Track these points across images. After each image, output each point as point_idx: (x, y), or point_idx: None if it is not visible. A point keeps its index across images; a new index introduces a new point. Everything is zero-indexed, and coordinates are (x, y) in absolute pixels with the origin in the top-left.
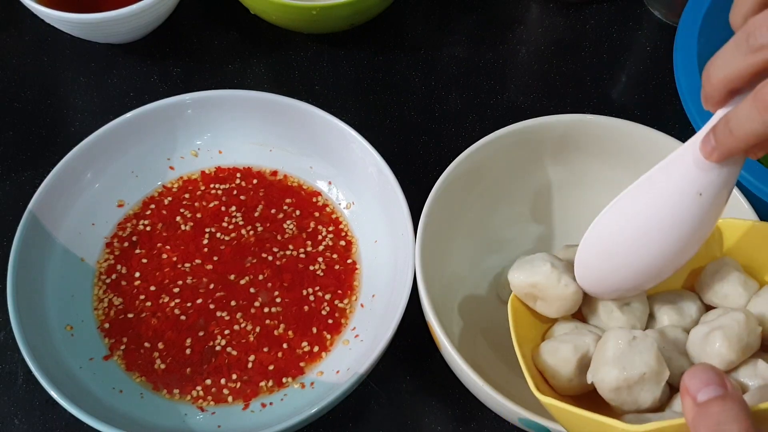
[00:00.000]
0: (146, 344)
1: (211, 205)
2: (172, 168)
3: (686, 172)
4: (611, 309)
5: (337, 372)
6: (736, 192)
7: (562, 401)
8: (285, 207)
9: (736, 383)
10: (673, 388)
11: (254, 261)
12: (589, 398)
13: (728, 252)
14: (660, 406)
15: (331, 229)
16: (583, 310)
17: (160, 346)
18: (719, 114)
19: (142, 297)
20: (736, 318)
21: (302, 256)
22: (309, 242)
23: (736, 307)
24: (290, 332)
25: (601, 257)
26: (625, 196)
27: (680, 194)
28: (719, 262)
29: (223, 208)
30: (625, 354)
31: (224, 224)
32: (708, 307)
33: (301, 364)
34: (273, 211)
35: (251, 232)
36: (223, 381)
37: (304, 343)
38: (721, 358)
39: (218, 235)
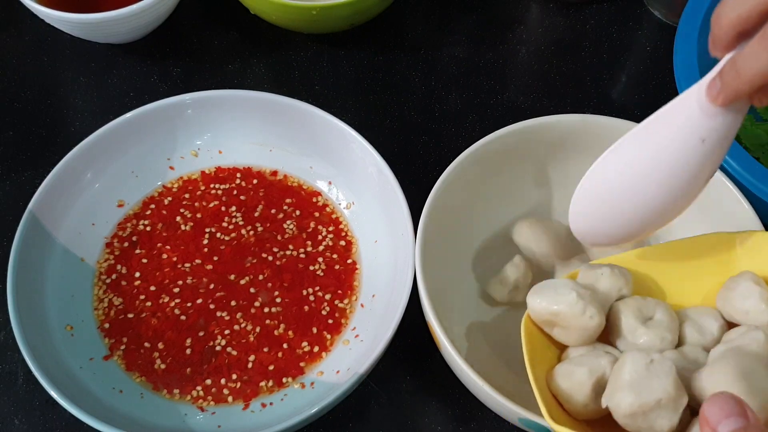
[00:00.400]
0: (146, 344)
1: (211, 205)
2: (172, 168)
3: (689, 117)
4: (635, 327)
5: (337, 372)
6: (736, 192)
7: (578, 427)
8: (285, 207)
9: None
10: (693, 411)
11: (254, 261)
12: (605, 422)
13: (749, 266)
14: None
15: (331, 229)
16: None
17: (160, 346)
18: (727, 58)
19: (142, 297)
20: (756, 338)
21: (302, 256)
22: (309, 242)
23: (758, 323)
24: (290, 332)
25: (598, 202)
26: (624, 141)
27: (682, 140)
28: (740, 276)
29: (223, 208)
30: (642, 378)
31: (224, 224)
32: (730, 324)
33: (301, 364)
34: (273, 211)
35: (251, 232)
36: (223, 381)
37: (304, 343)
38: None
39: (218, 235)
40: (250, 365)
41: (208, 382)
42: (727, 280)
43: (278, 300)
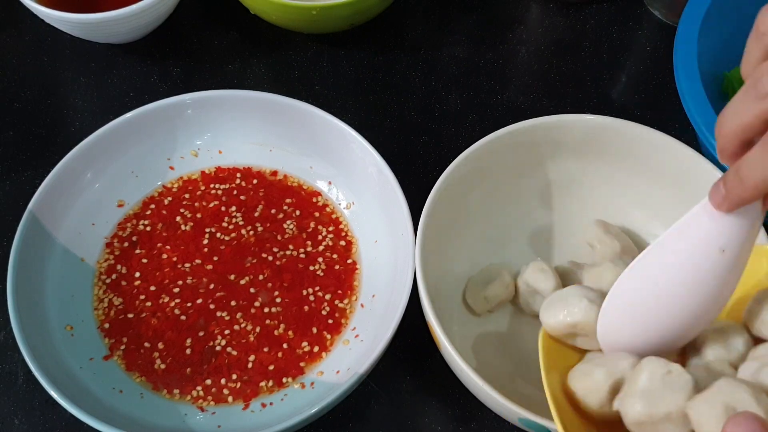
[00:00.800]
0: (146, 344)
1: (211, 205)
2: (172, 168)
3: (706, 228)
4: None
5: (337, 372)
6: None
7: (592, 430)
8: (285, 207)
9: None
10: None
11: (254, 261)
12: (619, 427)
13: None
14: None
15: (331, 229)
16: None
17: (160, 346)
18: None
19: (142, 297)
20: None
21: (302, 256)
22: (309, 242)
23: None
24: (290, 332)
25: (624, 321)
26: (644, 258)
27: (702, 253)
28: None
29: (223, 208)
30: (656, 388)
31: (224, 224)
32: (757, 340)
33: (301, 364)
34: (273, 211)
35: (251, 232)
36: (223, 381)
37: (304, 343)
38: None
39: (218, 235)
40: (250, 365)
41: (208, 382)
42: (757, 293)
43: (278, 300)
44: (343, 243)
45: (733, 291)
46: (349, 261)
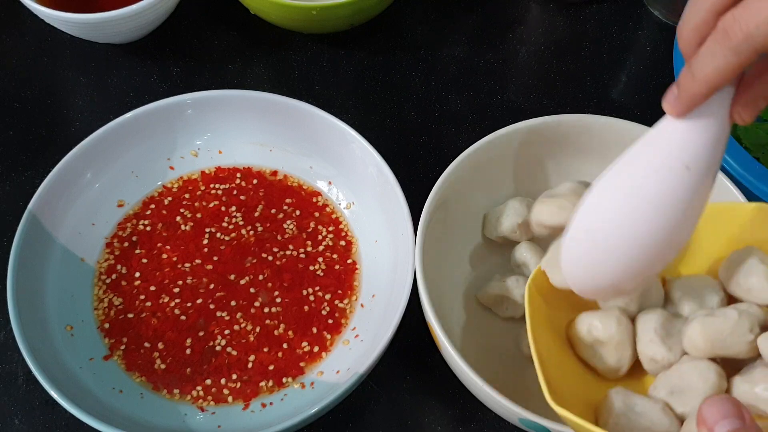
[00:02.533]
0: (146, 344)
1: (211, 205)
2: (172, 168)
3: (668, 143)
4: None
5: (337, 372)
6: (736, 192)
7: (577, 409)
8: (285, 207)
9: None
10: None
11: (254, 261)
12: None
13: (754, 240)
14: None
15: (331, 229)
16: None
17: (160, 346)
18: None
19: (142, 297)
20: (729, 315)
21: (302, 256)
22: (309, 242)
23: (759, 302)
24: (290, 332)
25: (589, 246)
26: (605, 179)
27: (666, 169)
28: (744, 251)
29: (223, 208)
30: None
31: (224, 224)
32: (731, 298)
33: (301, 364)
34: (273, 211)
35: (251, 232)
36: (223, 381)
37: (304, 343)
38: (693, 346)
39: (218, 235)
40: (250, 365)
41: (208, 382)
42: (732, 253)
43: (278, 300)
44: (343, 243)
45: (700, 216)
46: (349, 261)
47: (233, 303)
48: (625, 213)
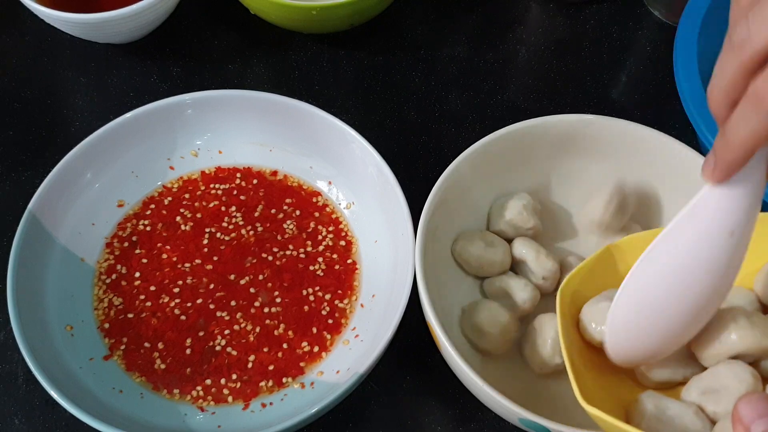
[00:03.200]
0: (146, 344)
1: (211, 205)
2: (172, 168)
3: (713, 212)
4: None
5: (337, 372)
6: None
7: (608, 407)
8: (285, 207)
9: None
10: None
11: (254, 261)
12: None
13: None
14: None
15: (331, 229)
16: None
17: (160, 346)
18: None
19: (142, 297)
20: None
21: (302, 256)
22: (309, 242)
23: None
24: (290, 332)
25: (635, 318)
26: (652, 251)
27: (711, 238)
28: None
29: (223, 208)
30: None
31: (224, 224)
32: (766, 310)
33: (301, 364)
34: (273, 211)
35: (251, 232)
36: (223, 381)
37: (304, 343)
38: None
39: (218, 235)
40: (250, 365)
41: (208, 382)
42: (765, 265)
43: (278, 300)
44: (343, 243)
45: (739, 270)
46: (349, 261)
47: (233, 303)
48: (673, 284)
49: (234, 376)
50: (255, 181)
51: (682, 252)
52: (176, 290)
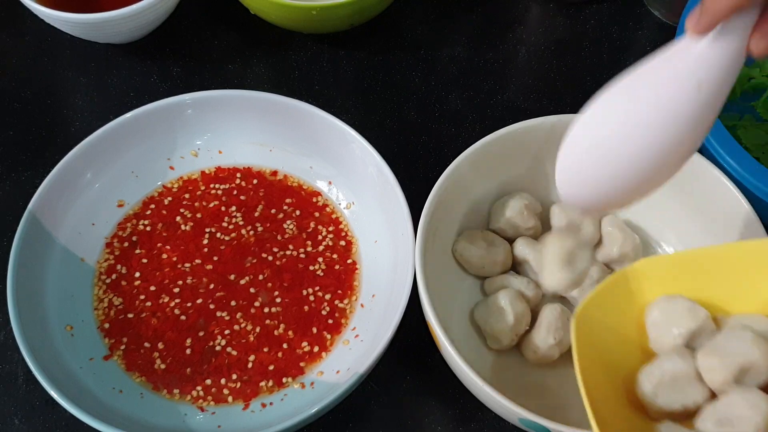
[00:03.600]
0: (146, 344)
1: (211, 205)
2: (172, 168)
3: (683, 62)
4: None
5: (337, 372)
6: (735, 192)
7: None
8: (285, 207)
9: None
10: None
11: (254, 261)
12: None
13: None
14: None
15: (331, 229)
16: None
17: (160, 346)
18: None
19: (142, 297)
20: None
21: (302, 256)
22: (309, 242)
23: None
24: (290, 332)
25: (589, 156)
26: (616, 89)
27: (678, 86)
28: None
29: (223, 208)
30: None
31: (224, 224)
32: None
33: (301, 364)
34: (273, 211)
35: (251, 232)
36: (223, 381)
37: (304, 343)
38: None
39: (218, 235)
40: (250, 365)
41: (208, 382)
42: None
43: (278, 300)
44: (343, 243)
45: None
46: (349, 261)
47: (233, 303)
48: (632, 123)
49: (234, 376)
50: (255, 181)
51: (647, 95)
52: (176, 290)
